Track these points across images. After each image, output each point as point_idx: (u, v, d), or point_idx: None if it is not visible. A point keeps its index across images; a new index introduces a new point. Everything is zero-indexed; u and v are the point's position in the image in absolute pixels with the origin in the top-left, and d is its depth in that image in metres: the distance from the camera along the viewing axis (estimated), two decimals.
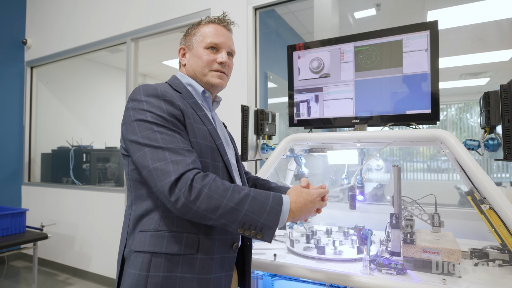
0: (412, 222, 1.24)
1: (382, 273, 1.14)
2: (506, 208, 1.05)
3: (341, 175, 1.62)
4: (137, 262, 0.90)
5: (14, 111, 3.91)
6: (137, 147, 0.89)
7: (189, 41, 1.13)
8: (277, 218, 0.86)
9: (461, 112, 3.28)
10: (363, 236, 1.36)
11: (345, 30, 3.09)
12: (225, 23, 1.15)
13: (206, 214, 0.83)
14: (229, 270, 0.98)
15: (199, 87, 1.09)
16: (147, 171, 0.86)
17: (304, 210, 0.93)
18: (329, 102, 1.56)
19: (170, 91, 0.98)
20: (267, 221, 0.85)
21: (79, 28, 3.52)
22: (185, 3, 2.76)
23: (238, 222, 0.84)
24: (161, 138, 0.88)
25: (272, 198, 0.88)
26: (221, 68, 1.09)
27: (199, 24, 1.13)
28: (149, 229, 0.92)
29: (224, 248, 0.96)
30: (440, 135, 1.20)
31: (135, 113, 0.92)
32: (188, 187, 0.82)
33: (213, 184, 0.84)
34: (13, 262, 3.78)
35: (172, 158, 0.85)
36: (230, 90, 2.52)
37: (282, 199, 0.89)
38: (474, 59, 2.99)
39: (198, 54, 1.09)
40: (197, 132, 0.96)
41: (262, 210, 0.85)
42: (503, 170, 2.82)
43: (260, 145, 1.75)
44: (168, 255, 0.90)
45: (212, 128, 1.02)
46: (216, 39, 1.09)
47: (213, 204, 0.82)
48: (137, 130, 0.90)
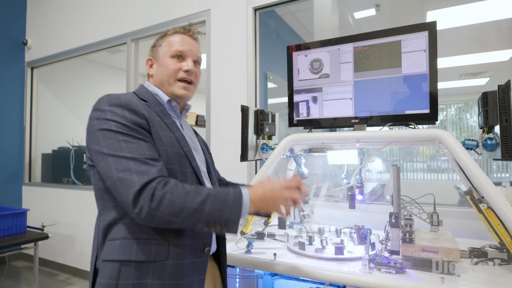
0: (411, 221, 1.25)
1: (381, 272, 1.15)
2: (504, 208, 1.05)
3: (341, 175, 1.63)
4: (107, 272, 0.91)
5: (14, 112, 3.92)
6: (101, 157, 0.89)
7: (156, 52, 1.14)
8: (239, 211, 0.89)
9: (461, 112, 3.29)
10: (362, 236, 1.37)
11: (345, 31, 3.09)
12: (191, 32, 1.16)
13: (171, 219, 0.84)
14: (202, 274, 0.99)
15: (165, 96, 1.10)
16: (111, 181, 0.86)
17: (266, 199, 0.94)
18: (329, 102, 1.57)
19: (135, 100, 0.99)
20: (231, 215, 0.88)
21: (79, 28, 3.53)
22: (185, 4, 2.77)
23: (203, 221, 0.86)
24: (126, 147, 0.88)
25: (232, 194, 0.91)
26: (187, 77, 1.10)
27: (165, 35, 1.15)
28: (118, 238, 0.92)
29: (195, 253, 0.97)
30: (439, 135, 1.21)
31: (98, 122, 0.92)
32: (150, 197, 0.83)
33: (174, 189, 0.86)
34: (14, 262, 3.79)
35: (137, 168, 0.85)
36: (230, 91, 2.53)
37: (242, 193, 0.91)
38: (473, 59, 2.99)
39: (164, 63, 1.10)
40: (164, 139, 0.97)
41: (224, 206, 0.88)
42: (503, 170, 2.82)
43: (260, 145, 1.76)
44: (137, 262, 0.90)
45: (179, 135, 1.03)
46: (181, 47, 1.10)
47: (176, 208, 0.84)
48: (101, 140, 0.90)
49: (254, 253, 1.38)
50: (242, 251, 1.39)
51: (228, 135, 2.47)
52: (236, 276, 1.44)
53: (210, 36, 2.61)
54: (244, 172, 2.37)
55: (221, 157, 2.48)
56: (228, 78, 2.53)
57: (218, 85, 2.57)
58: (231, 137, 2.43)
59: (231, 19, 2.51)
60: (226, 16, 2.54)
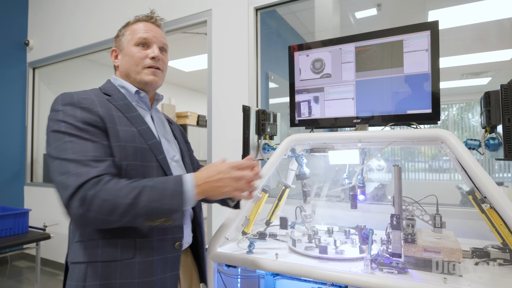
0: (413, 221, 1.24)
1: (383, 272, 1.14)
2: (507, 208, 1.05)
3: (343, 175, 1.63)
4: (74, 274, 0.91)
5: (16, 112, 3.93)
6: (49, 160, 0.88)
7: (119, 41, 1.12)
8: (181, 199, 0.84)
9: (463, 112, 3.28)
10: (364, 236, 1.37)
11: (346, 30, 3.09)
12: (153, 19, 1.14)
13: (106, 218, 0.81)
14: (174, 270, 0.97)
15: (132, 88, 1.07)
16: (54, 185, 0.85)
17: (212, 182, 0.88)
18: (330, 102, 1.57)
19: (92, 97, 0.97)
20: (173, 204, 0.83)
21: (80, 29, 3.54)
22: (185, 4, 2.77)
23: (141, 215, 0.82)
24: (71, 148, 0.86)
25: (172, 181, 0.86)
26: (154, 64, 1.07)
27: (127, 24, 1.13)
28: (83, 240, 0.92)
29: (164, 248, 0.95)
30: (441, 135, 1.21)
31: (52, 123, 0.92)
32: (81, 199, 0.80)
33: (106, 187, 0.82)
34: (16, 262, 3.80)
35: (75, 171, 0.83)
36: (231, 91, 2.53)
37: (183, 179, 0.87)
38: (475, 58, 2.99)
39: (129, 52, 1.07)
40: (123, 134, 0.95)
41: (163, 196, 0.83)
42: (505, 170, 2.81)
43: (261, 145, 1.76)
44: (104, 262, 0.89)
45: (143, 129, 1.00)
46: (145, 34, 1.08)
47: (108, 207, 0.80)
48: (51, 142, 0.89)
49: (255, 253, 1.38)
50: (244, 251, 1.39)
51: (229, 135, 2.47)
52: (237, 276, 1.44)
53: (211, 36, 2.61)
54: None
55: (222, 157, 2.47)
56: (229, 78, 2.53)
57: (220, 85, 2.57)
58: (232, 137, 2.43)
59: (232, 19, 2.51)
60: (227, 16, 2.54)
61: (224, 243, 1.51)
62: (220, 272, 1.42)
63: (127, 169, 0.92)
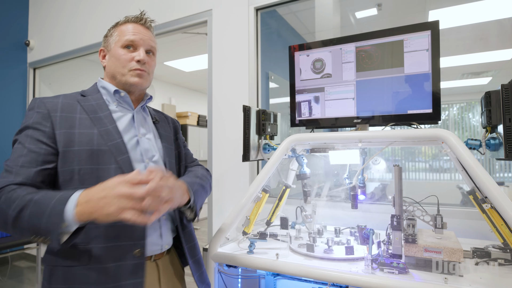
0: (414, 221, 1.24)
1: (384, 272, 1.14)
2: (508, 207, 1.05)
3: (343, 175, 1.63)
4: (45, 274, 0.94)
5: (17, 112, 3.94)
6: None
7: (107, 42, 1.11)
8: (58, 219, 0.75)
9: (463, 112, 3.28)
10: (364, 236, 1.37)
11: (347, 30, 3.09)
12: (143, 21, 1.13)
13: (4, 229, 0.84)
14: (138, 278, 0.93)
15: (112, 87, 1.08)
16: None
17: (95, 201, 0.76)
18: (331, 102, 1.57)
19: (58, 100, 1.00)
20: (48, 223, 0.75)
21: (81, 29, 3.54)
22: (185, 4, 2.77)
23: (26, 230, 0.79)
24: (12, 155, 0.92)
25: (58, 197, 0.78)
26: (139, 67, 1.07)
27: (116, 24, 1.12)
28: None
29: (121, 256, 0.92)
30: (442, 135, 1.21)
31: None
32: None
33: (6, 196, 0.81)
34: (16, 262, 3.80)
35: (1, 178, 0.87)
36: (231, 91, 2.53)
37: (69, 197, 0.78)
38: (476, 58, 2.98)
39: (116, 54, 1.07)
40: (78, 138, 0.94)
41: (43, 212, 0.76)
42: (506, 170, 2.81)
43: (262, 145, 1.76)
44: (64, 267, 0.91)
45: (107, 129, 0.98)
46: (132, 36, 1.07)
47: (1, 218, 0.81)
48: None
49: (256, 253, 1.38)
50: (244, 251, 1.39)
51: (230, 135, 2.47)
52: (238, 276, 1.44)
53: (211, 36, 2.61)
54: (246, 173, 2.37)
55: (223, 157, 2.48)
56: (229, 78, 2.53)
57: (220, 85, 2.57)
58: (232, 137, 2.43)
59: (232, 19, 2.51)
60: (228, 16, 2.54)
61: (225, 243, 1.51)
62: (221, 272, 1.42)
63: (80, 173, 0.92)
